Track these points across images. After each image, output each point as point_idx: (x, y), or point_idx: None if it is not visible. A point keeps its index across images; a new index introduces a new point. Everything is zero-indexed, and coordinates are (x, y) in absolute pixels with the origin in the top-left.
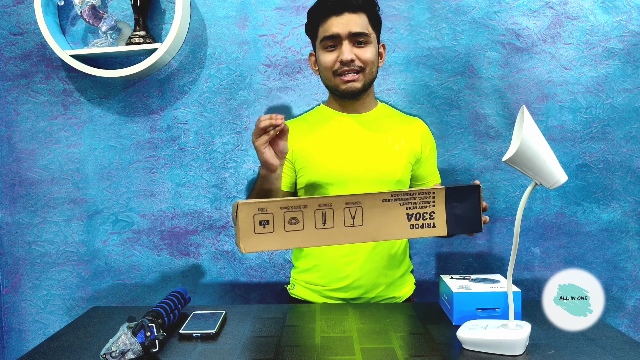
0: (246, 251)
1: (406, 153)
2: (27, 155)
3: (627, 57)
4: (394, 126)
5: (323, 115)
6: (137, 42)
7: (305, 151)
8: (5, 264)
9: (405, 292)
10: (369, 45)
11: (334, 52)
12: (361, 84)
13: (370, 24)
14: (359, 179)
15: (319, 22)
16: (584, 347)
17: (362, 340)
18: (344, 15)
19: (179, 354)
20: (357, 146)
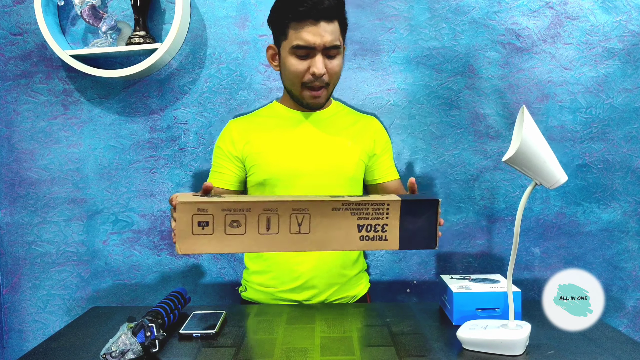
0: (181, 252)
1: (358, 151)
2: (27, 155)
3: (627, 57)
4: (347, 124)
5: (276, 113)
6: (137, 42)
7: (256, 149)
8: (5, 264)
9: (360, 291)
10: (339, 56)
11: (305, 62)
12: (324, 98)
13: (340, 32)
14: (311, 175)
15: (290, 22)
16: (584, 347)
17: (362, 340)
18: (320, 23)
19: (179, 354)
20: (310, 144)
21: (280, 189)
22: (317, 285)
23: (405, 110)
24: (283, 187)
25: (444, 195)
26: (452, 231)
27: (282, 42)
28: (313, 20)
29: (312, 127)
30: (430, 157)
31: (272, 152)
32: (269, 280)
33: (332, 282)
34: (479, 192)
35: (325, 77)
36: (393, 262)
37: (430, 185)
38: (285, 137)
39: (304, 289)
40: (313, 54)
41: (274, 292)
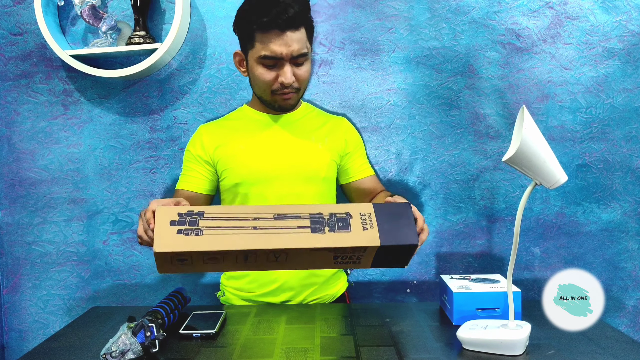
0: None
1: (330, 151)
2: (27, 155)
3: (627, 57)
4: (318, 125)
5: (246, 116)
6: (137, 42)
7: (227, 153)
8: (5, 264)
9: (338, 290)
10: (307, 62)
11: (273, 71)
12: (295, 100)
13: (307, 38)
14: (283, 178)
15: (256, 30)
16: (584, 347)
17: (362, 340)
18: (286, 33)
19: (179, 354)
20: (281, 146)
21: (253, 192)
22: (293, 287)
23: (405, 110)
24: (255, 190)
25: (444, 195)
26: (452, 231)
27: (248, 50)
28: (278, 31)
29: (283, 130)
30: (430, 157)
31: (243, 156)
32: (246, 285)
33: (309, 282)
34: (479, 192)
35: (295, 84)
36: None
37: (430, 185)
38: (256, 140)
39: (281, 291)
40: (281, 63)
41: (250, 297)
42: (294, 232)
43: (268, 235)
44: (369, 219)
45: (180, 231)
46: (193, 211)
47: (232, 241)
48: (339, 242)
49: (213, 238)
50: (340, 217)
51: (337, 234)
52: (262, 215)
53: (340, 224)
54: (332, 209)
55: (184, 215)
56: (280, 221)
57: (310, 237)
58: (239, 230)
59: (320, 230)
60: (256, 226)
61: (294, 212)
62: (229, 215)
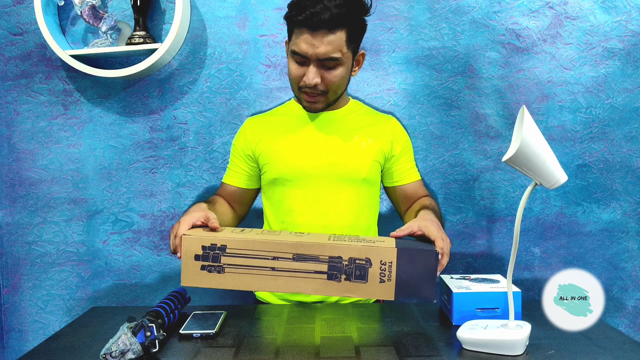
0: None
1: (374, 151)
2: (27, 155)
3: (627, 57)
4: (363, 124)
5: (291, 112)
6: (137, 42)
7: (269, 147)
8: (5, 264)
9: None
10: (340, 67)
11: (301, 68)
12: (322, 105)
13: (347, 42)
14: (322, 176)
15: (294, 26)
16: (584, 347)
17: (362, 340)
18: (318, 33)
19: (179, 354)
20: (321, 143)
21: (291, 187)
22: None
23: (405, 110)
24: (294, 186)
25: (444, 196)
26: (452, 231)
27: (289, 42)
28: (309, 30)
29: (326, 127)
30: (430, 157)
31: (282, 151)
32: None
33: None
34: (479, 192)
35: (320, 87)
36: None
37: (431, 185)
38: (297, 136)
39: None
40: (308, 62)
41: (283, 295)
42: (311, 278)
43: (285, 278)
44: (389, 269)
45: (204, 267)
46: (216, 245)
47: (251, 282)
48: (352, 293)
49: (234, 277)
50: (359, 264)
51: (352, 283)
52: (281, 254)
53: (358, 273)
54: (353, 253)
55: (207, 249)
56: (299, 263)
57: (326, 285)
58: (258, 270)
59: (336, 277)
60: (275, 267)
61: (313, 252)
62: (249, 252)
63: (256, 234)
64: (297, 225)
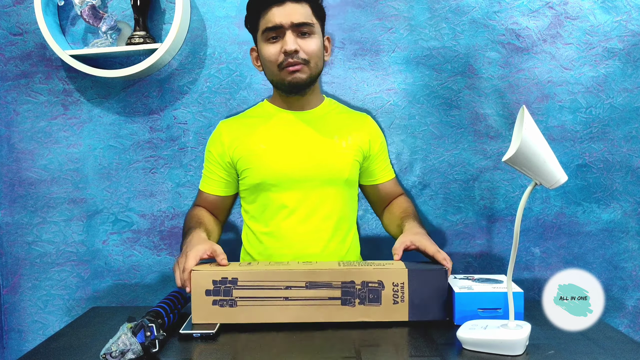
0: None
1: (353, 151)
2: (26, 155)
3: (627, 57)
4: (341, 123)
5: (266, 113)
6: (137, 42)
7: (248, 152)
8: (5, 264)
9: None
10: (314, 36)
11: (277, 44)
12: (306, 75)
13: (313, 15)
14: (306, 178)
15: (259, 13)
16: (584, 347)
17: (362, 340)
18: (286, 4)
19: (179, 354)
20: (303, 145)
21: (275, 192)
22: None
23: (405, 110)
24: (278, 190)
25: (444, 195)
26: (452, 231)
27: (257, 37)
28: (278, 3)
29: (305, 127)
30: (430, 157)
31: (264, 155)
32: None
33: None
34: (479, 192)
35: (301, 54)
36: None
37: (430, 185)
38: (277, 139)
39: None
40: (283, 33)
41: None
42: (325, 304)
43: (299, 307)
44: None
45: (215, 302)
46: (227, 278)
47: (265, 314)
48: (366, 317)
49: (247, 310)
50: (372, 287)
51: (366, 306)
52: (294, 283)
53: (371, 296)
54: (365, 276)
55: (218, 283)
56: (312, 290)
57: (340, 311)
58: (271, 301)
59: (350, 302)
60: (288, 296)
61: (325, 279)
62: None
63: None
64: (282, 229)
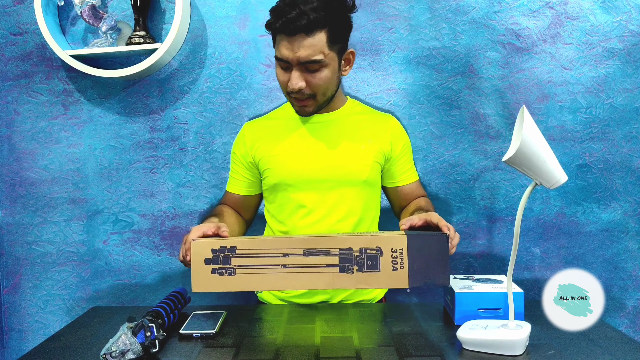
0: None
1: (373, 152)
2: (27, 155)
3: (627, 57)
4: (362, 124)
5: (288, 115)
6: (137, 42)
7: (269, 152)
8: (5, 264)
9: (376, 294)
10: (324, 69)
11: (287, 73)
12: (313, 108)
13: (328, 43)
14: (323, 179)
15: (275, 33)
16: (584, 347)
17: (362, 340)
18: (296, 38)
19: (179, 354)
20: (321, 146)
21: (293, 192)
22: (326, 290)
23: (405, 110)
24: (295, 190)
25: (444, 195)
26: None
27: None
28: (287, 36)
29: (326, 129)
30: (430, 157)
31: (283, 155)
32: None
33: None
34: (479, 192)
35: (306, 91)
36: None
37: (431, 185)
38: (297, 139)
39: (314, 293)
40: (291, 67)
41: (285, 297)
42: (323, 272)
43: (297, 274)
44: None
45: (214, 270)
46: (226, 247)
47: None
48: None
49: (245, 278)
50: (370, 253)
51: (365, 273)
52: (291, 251)
53: (370, 263)
54: (363, 243)
55: (217, 252)
56: (310, 258)
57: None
58: (270, 269)
59: (348, 269)
60: (286, 264)
61: (323, 246)
62: (259, 251)
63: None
64: (299, 228)
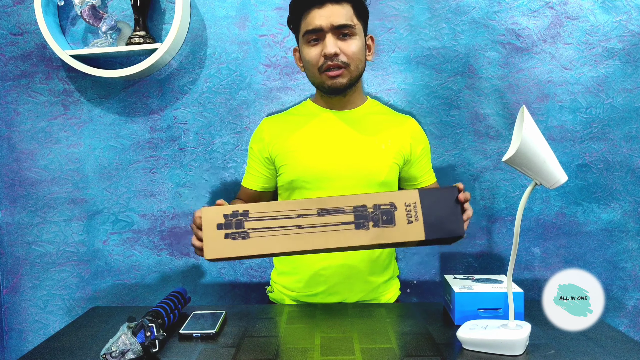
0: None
1: (393, 153)
2: (27, 155)
3: (627, 57)
4: (382, 125)
5: (308, 112)
6: (137, 42)
7: (286, 149)
8: (5, 264)
9: (389, 298)
10: (355, 37)
11: (318, 46)
12: (347, 79)
13: (355, 15)
14: (340, 178)
15: (301, 15)
16: (584, 347)
17: (362, 340)
18: (326, 6)
19: (179, 354)
20: (340, 144)
21: (309, 190)
22: (340, 292)
23: (405, 110)
24: (311, 188)
25: None
26: None
27: (299, 39)
28: (318, 6)
29: (344, 127)
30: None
31: (301, 152)
32: (294, 283)
33: (358, 289)
34: (479, 192)
35: (341, 57)
36: None
37: None
38: (316, 136)
39: (328, 294)
40: (323, 36)
41: (298, 296)
42: (338, 230)
43: (312, 234)
44: (414, 209)
45: (227, 235)
46: (238, 211)
47: (279, 243)
48: (382, 239)
49: (260, 241)
50: (384, 209)
51: (381, 228)
52: (305, 211)
53: (385, 217)
54: (376, 199)
55: (229, 216)
56: (324, 217)
57: (354, 235)
58: (284, 230)
59: (364, 225)
60: (300, 224)
61: (337, 205)
62: (273, 214)
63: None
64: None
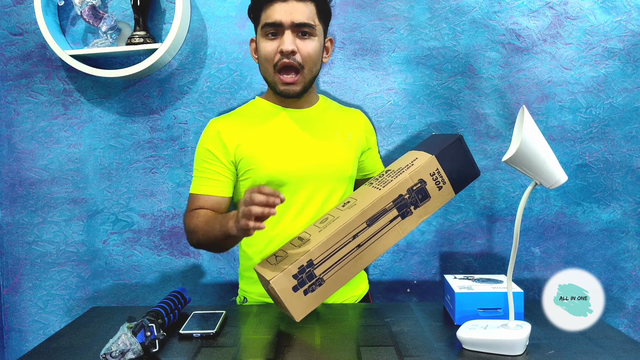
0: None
1: (354, 147)
2: (27, 155)
3: (627, 57)
4: (339, 120)
5: (263, 111)
6: (137, 42)
7: (252, 151)
8: (5, 264)
9: (363, 290)
10: (313, 38)
11: (275, 42)
12: (300, 86)
13: (317, 15)
14: (313, 177)
15: (262, 5)
16: (584, 347)
17: (362, 340)
18: (289, 2)
19: (179, 354)
20: (307, 143)
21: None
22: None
23: (405, 110)
24: (286, 189)
25: None
26: (452, 231)
27: (257, 29)
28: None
29: (307, 126)
30: None
31: (270, 153)
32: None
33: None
34: (479, 192)
35: (297, 57)
36: (393, 262)
37: None
38: (281, 137)
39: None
40: (282, 32)
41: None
42: (390, 229)
43: (372, 245)
44: (439, 175)
45: (306, 292)
46: (303, 265)
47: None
48: (425, 214)
49: (335, 278)
50: (417, 188)
51: (421, 207)
52: (356, 230)
53: (420, 196)
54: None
55: (298, 275)
56: (375, 225)
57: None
58: (349, 256)
59: (408, 212)
60: (359, 244)
61: (379, 208)
62: (332, 249)
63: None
64: (290, 228)
